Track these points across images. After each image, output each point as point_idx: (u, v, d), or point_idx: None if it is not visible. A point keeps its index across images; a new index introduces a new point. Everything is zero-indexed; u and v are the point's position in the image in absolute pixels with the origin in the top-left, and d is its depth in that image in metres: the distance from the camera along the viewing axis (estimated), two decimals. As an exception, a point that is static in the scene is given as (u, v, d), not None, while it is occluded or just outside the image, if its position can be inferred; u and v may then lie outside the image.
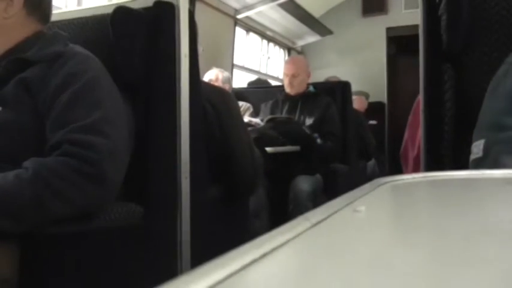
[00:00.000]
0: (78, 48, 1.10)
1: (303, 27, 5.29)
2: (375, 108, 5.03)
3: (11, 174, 0.88)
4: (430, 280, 0.23)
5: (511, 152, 0.85)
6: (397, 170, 1.11)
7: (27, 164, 0.90)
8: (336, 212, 0.39)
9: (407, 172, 1.68)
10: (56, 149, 0.93)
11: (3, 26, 1.06)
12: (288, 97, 3.01)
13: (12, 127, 0.98)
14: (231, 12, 4.35)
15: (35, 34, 1.10)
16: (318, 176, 2.72)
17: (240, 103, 3.07)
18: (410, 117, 1.72)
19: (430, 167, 1.21)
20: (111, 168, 0.95)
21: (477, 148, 0.91)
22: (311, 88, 3.03)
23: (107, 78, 1.08)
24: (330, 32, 5.59)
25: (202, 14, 3.56)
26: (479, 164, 0.88)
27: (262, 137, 2.48)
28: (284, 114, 2.94)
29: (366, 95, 4.93)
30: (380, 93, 5.43)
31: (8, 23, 1.06)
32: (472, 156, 0.92)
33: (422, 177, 0.64)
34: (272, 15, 4.79)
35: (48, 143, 0.96)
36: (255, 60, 5.09)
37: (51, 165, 0.90)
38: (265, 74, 5.22)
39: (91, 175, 0.92)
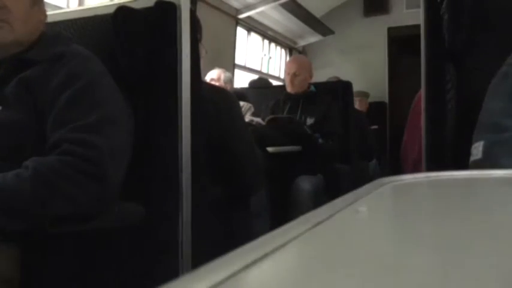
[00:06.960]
0: (80, 49, 1.10)
1: (305, 27, 5.28)
2: (376, 109, 5.02)
3: (11, 174, 0.88)
4: (431, 280, 0.22)
5: (510, 154, 0.84)
6: (399, 170, 1.11)
7: (27, 163, 0.90)
8: (337, 212, 0.38)
9: (406, 173, 1.68)
10: (55, 148, 0.94)
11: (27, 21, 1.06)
12: (289, 97, 3.01)
13: (13, 126, 0.99)
14: (233, 12, 4.35)
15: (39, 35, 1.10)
16: (319, 176, 2.72)
17: (241, 103, 3.06)
18: (409, 117, 1.72)
19: (431, 167, 1.21)
20: (111, 167, 0.95)
21: (476, 150, 0.90)
22: (312, 88, 3.03)
23: (108, 78, 1.08)
24: (331, 32, 5.59)
25: (203, 14, 3.56)
26: (479, 166, 0.87)
27: (263, 137, 2.47)
28: (285, 114, 2.94)
29: (366, 95, 4.93)
30: (381, 93, 5.43)
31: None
32: (472, 158, 0.91)
33: (424, 177, 0.64)
34: (273, 15, 4.79)
35: (48, 142, 0.96)
36: (256, 59, 5.09)
37: (51, 164, 0.90)
38: (267, 74, 5.21)
39: (91, 173, 0.92)
